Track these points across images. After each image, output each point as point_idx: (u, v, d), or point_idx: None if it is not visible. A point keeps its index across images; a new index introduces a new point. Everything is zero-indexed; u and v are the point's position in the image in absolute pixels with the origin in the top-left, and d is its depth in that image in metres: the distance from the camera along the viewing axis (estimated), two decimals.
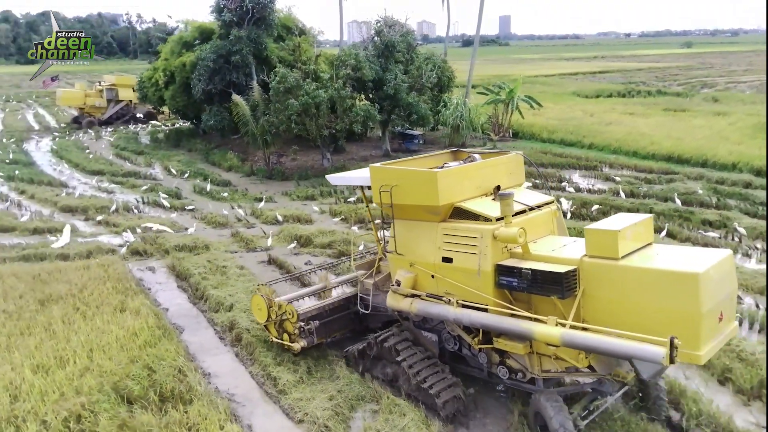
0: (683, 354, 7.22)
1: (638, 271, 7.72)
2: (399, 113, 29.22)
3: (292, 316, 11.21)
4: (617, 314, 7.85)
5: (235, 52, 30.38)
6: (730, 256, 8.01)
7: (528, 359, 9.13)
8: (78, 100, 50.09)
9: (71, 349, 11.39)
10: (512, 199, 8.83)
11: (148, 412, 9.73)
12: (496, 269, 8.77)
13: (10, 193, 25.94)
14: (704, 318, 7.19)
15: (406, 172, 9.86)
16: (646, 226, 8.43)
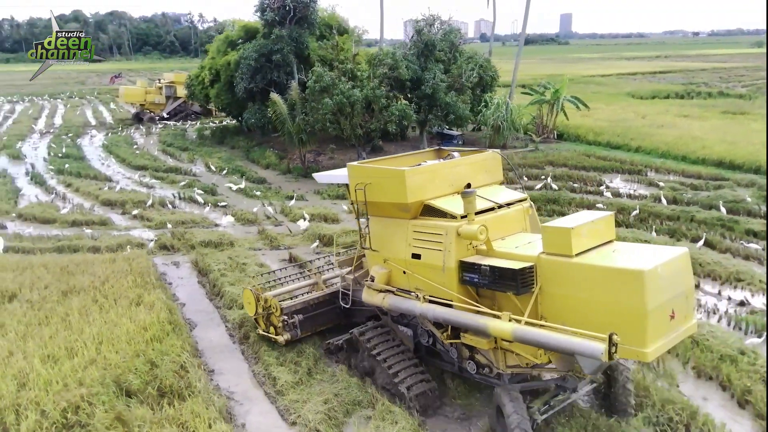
0: (630, 351, 7.39)
1: (589, 268, 7.81)
2: (436, 113, 28.84)
3: (276, 310, 11.52)
4: (572, 311, 8.00)
5: (276, 51, 30.68)
6: (686, 254, 8.05)
7: (493, 354, 9.33)
8: (138, 97, 51.97)
9: (82, 341, 11.67)
10: (474, 197, 8.97)
11: (143, 406, 9.88)
12: (460, 266, 8.98)
13: (57, 186, 27.01)
14: (650, 315, 7.26)
15: (378, 170, 10.13)
16: (606, 223, 8.49)
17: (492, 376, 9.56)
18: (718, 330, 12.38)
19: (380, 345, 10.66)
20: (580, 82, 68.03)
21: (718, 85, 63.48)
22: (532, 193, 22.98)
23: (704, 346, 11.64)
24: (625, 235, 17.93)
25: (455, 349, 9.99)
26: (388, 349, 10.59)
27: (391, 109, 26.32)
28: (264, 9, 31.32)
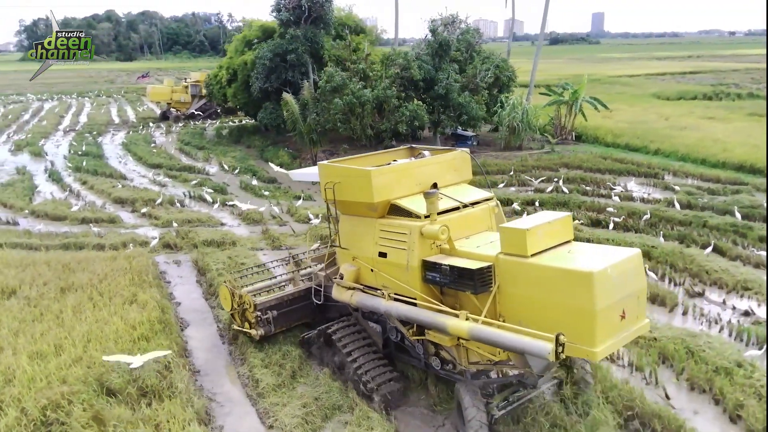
0: (580, 350, 7.52)
1: (542, 269, 7.92)
2: (449, 114, 28.57)
3: (250, 306, 11.66)
4: (528, 310, 8.15)
5: (290, 51, 30.76)
6: (638, 255, 8.14)
7: (456, 351, 9.51)
8: (165, 96, 52.74)
9: (71, 339, 11.79)
10: (437, 197, 9.17)
11: (122, 406, 9.91)
12: (423, 265, 9.15)
13: (73, 184, 27.48)
14: (599, 315, 7.36)
15: (346, 170, 10.26)
16: (563, 224, 8.60)
17: (455, 372, 9.76)
18: (717, 341, 11.96)
19: (349, 341, 10.87)
20: (605, 82, 66.94)
21: (748, 86, 61.70)
22: (542, 196, 22.64)
23: (699, 358, 11.27)
24: (632, 240, 17.53)
25: (421, 346, 10.17)
26: (357, 346, 10.81)
27: (402, 109, 26.15)
28: (279, 9, 31.41)
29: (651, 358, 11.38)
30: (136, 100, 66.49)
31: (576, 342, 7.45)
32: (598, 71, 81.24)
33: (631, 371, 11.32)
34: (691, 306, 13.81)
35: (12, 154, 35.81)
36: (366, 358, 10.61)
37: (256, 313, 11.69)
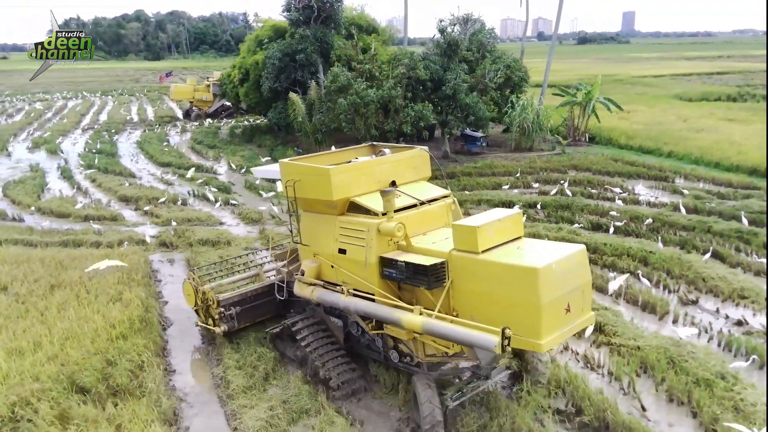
0: (526, 342, 7.86)
1: (491, 264, 8.20)
2: (456, 114, 28.29)
3: (213, 302, 11.79)
4: (479, 304, 8.44)
5: (300, 50, 30.79)
6: (582, 251, 8.49)
7: (413, 344, 9.79)
8: (187, 95, 53.39)
9: (51, 336, 11.90)
10: (393, 195, 9.48)
11: (89, 405, 9.97)
12: (380, 261, 9.41)
13: (82, 181, 27.90)
14: (545, 309, 7.67)
15: (306, 168, 10.51)
16: (514, 221, 8.88)
17: (413, 364, 10.04)
18: (703, 351, 11.59)
19: (310, 335, 11.14)
20: (627, 82, 65.87)
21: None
22: (545, 199, 22.29)
23: (681, 368, 10.94)
24: (630, 245, 17.14)
25: (381, 339, 10.46)
26: (318, 340, 11.09)
27: (407, 109, 25.98)
28: (290, 8, 31.48)
29: (630, 368, 11.08)
30: (157, 99, 67.35)
31: (523, 335, 7.78)
32: (623, 71, 79.97)
33: (609, 380, 11.03)
34: (682, 314, 13.43)
35: (29, 152, 36.54)
36: (325, 350, 10.89)
37: (219, 309, 11.82)
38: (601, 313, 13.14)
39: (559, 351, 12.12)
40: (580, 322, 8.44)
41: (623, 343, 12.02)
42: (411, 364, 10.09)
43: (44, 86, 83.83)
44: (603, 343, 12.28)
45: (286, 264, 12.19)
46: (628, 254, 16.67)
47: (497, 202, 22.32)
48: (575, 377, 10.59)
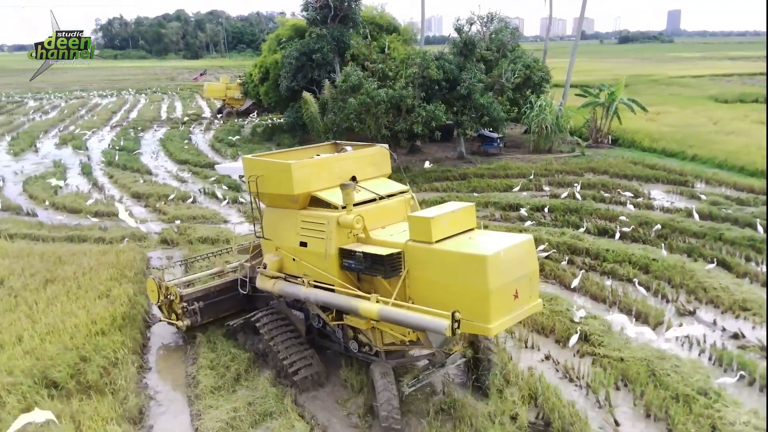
0: (476, 326, 8.29)
1: (444, 253, 8.60)
2: (470, 114, 27.86)
3: (176, 297, 11.92)
4: (433, 292, 8.81)
5: (317, 50, 30.81)
6: (530, 240, 8.92)
7: (371, 334, 10.12)
8: (220, 93, 54.25)
9: (34, 331, 12.09)
10: (352, 189, 9.81)
11: (55, 400, 10.08)
12: (340, 252, 9.72)
13: (100, 178, 28.47)
14: (493, 295, 8.08)
15: (268, 163, 10.78)
16: (466, 213, 9.28)
17: (372, 353, 10.36)
18: (690, 365, 11.10)
19: (272, 329, 11.38)
20: (663, 83, 64.11)
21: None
22: (554, 202, 21.77)
23: (661, 382, 10.48)
24: (634, 251, 16.59)
25: (341, 330, 10.82)
26: (280, 333, 11.32)
27: (419, 110, 25.70)
28: (307, 8, 31.54)
29: (608, 380, 10.67)
30: (188, 97, 68.51)
31: (473, 320, 8.21)
32: (660, 71, 77.88)
33: (586, 393, 10.64)
34: (676, 325, 12.86)
35: (57, 148, 37.51)
36: (287, 344, 11.14)
37: (182, 304, 12.00)
38: (589, 321, 12.73)
39: (539, 360, 11.78)
40: (528, 309, 8.90)
41: (607, 354, 11.60)
42: (370, 353, 10.41)
43: (83, 84, 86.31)
44: (587, 353, 11.87)
45: (249, 259, 12.40)
46: (630, 261, 16.13)
47: (504, 204, 21.94)
48: (547, 388, 10.24)
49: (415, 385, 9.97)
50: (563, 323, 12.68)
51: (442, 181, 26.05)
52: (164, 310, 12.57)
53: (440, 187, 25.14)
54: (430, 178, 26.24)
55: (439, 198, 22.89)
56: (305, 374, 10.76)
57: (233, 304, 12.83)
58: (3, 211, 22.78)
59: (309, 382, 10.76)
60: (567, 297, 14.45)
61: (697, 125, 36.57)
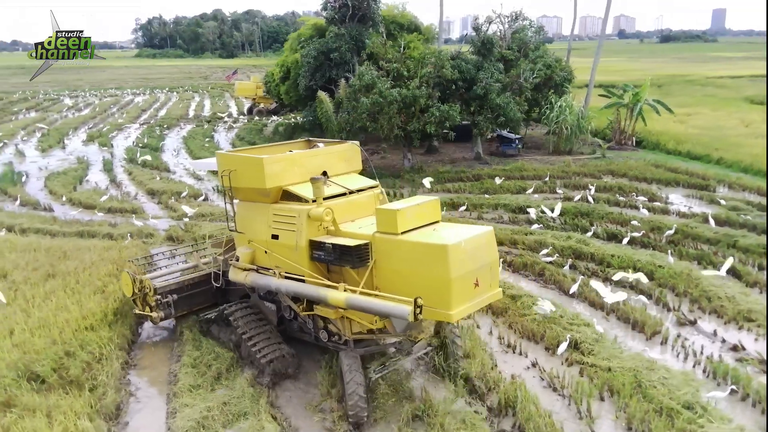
0: (439, 313, 8.73)
1: (409, 244, 8.98)
2: (486, 115, 27.48)
3: (150, 290, 12.20)
4: (399, 281, 9.15)
5: (334, 49, 30.79)
6: (491, 232, 9.33)
7: (340, 323, 10.37)
8: (251, 91, 54.89)
9: (26, 324, 12.30)
10: (322, 183, 10.13)
11: (33, 394, 10.21)
12: (310, 244, 10.02)
13: (119, 174, 29.00)
14: (454, 283, 8.48)
15: (241, 158, 11.09)
16: (431, 207, 9.73)
17: (341, 342, 10.55)
18: (681, 376, 10.68)
19: (243, 320, 11.66)
20: (698, 83, 62.34)
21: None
22: (566, 205, 21.29)
23: (647, 394, 10.10)
24: (641, 257, 16.10)
25: (311, 321, 11.01)
26: (252, 325, 11.60)
27: (432, 110, 25.45)
28: (326, 7, 31.57)
29: (590, 391, 10.33)
30: (218, 96, 69.38)
31: (436, 307, 8.60)
32: (698, 71, 75.71)
33: (569, 403, 10.32)
34: (674, 335, 12.42)
35: (84, 145, 38.37)
36: (262, 336, 11.41)
37: (156, 297, 12.16)
38: (581, 329, 12.36)
39: (525, 368, 11.49)
40: (488, 296, 9.34)
41: (595, 363, 11.25)
42: (339, 342, 10.61)
43: (118, 82, 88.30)
44: (576, 361, 11.53)
45: (223, 252, 12.60)
46: (635, 267, 15.63)
47: (514, 206, 21.55)
48: (526, 396, 9.97)
49: (382, 371, 10.36)
50: (554, 330, 12.37)
51: (455, 182, 25.75)
52: (138, 302, 12.71)
53: (452, 188, 24.86)
54: (443, 179, 25.97)
55: (448, 199, 22.64)
56: (277, 365, 10.95)
57: (207, 297, 13.02)
58: (21, 206, 23.35)
59: (281, 373, 10.99)
60: (564, 303, 14.09)
61: (728, 128, 35.40)
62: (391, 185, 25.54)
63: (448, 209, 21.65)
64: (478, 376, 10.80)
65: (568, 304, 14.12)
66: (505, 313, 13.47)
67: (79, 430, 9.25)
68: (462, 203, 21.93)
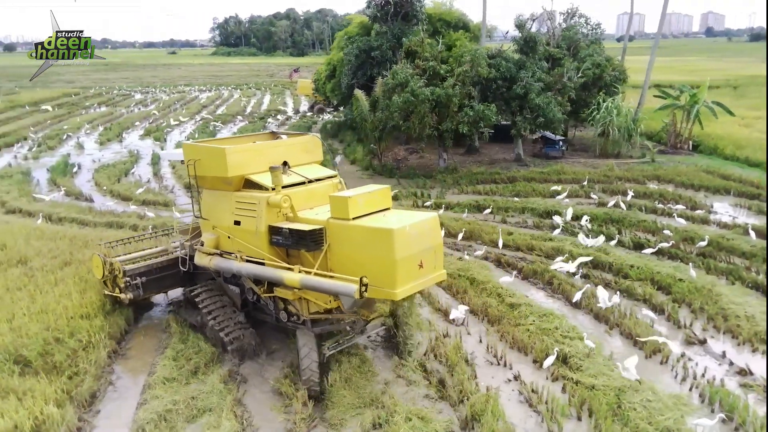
0: (385, 292, 9.37)
1: (358, 228, 9.63)
2: (525, 115, 26.61)
3: (119, 272, 12.74)
4: (350, 263, 9.77)
5: (376, 47, 30.67)
6: (435, 218, 10.14)
7: (299, 304, 10.98)
8: (310, 89, 55.60)
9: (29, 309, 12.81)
10: (280, 171, 10.65)
11: (15, 377, 10.60)
12: (269, 229, 10.57)
13: (164, 168, 29.97)
14: (399, 264, 9.17)
15: (204, 148, 11.69)
16: (382, 194, 10.34)
17: (300, 322, 11.09)
18: (670, 399, 9.91)
19: (207, 302, 12.24)
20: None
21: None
22: (597, 211, 20.36)
23: (625, 416, 9.42)
24: (662, 269, 15.14)
25: (272, 302, 11.57)
26: (215, 306, 12.19)
27: (466, 109, 24.88)
28: (369, 5, 31.50)
29: (562, 410, 9.74)
30: (279, 93, 70.69)
31: (382, 286, 9.26)
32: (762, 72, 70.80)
33: (542, 420, 9.76)
34: (676, 355, 11.54)
35: (140, 139, 39.94)
36: (225, 317, 11.99)
37: (126, 279, 12.66)
38: (573, 342, 11.69)
39: (504, 380, 10.97)
40: (432, 277, 10.04)
41: (580, 380, 10.62)
42: (298, 322, 11.13)
43: (189, 79, 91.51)
44: (561, 376, 10.92)
45: (189, 239, 13.08)
46: (653, 280, 14.71)
47: (542, 211, 20.76)
48: (494, 410, 9.49)
49: (336, 348, 10.96)
50: (544, 342, 11.76)
51: (487, 184, 25.09)
52: (108, 284, 13.19)
53: (482, 190, 24.23)
54: (475, 180, 25.38)
55: (473, 201, 22.07)
56: (239, 344, 11.62)
57: (175, 280, 13.52)
58: (66, 195, 24.47)
59: (243, 351, 11.65)
60: (566, 313, 13.40)
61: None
62: (421, 185, 25.21)
63: (471, 211, 21.13)
64: (455, 386, 10.42)
65: (571, 315, 13.43)
66: (500, 321, 12.94)
67: (44, 414, 9.50)
68: (488, 205, 21.32)
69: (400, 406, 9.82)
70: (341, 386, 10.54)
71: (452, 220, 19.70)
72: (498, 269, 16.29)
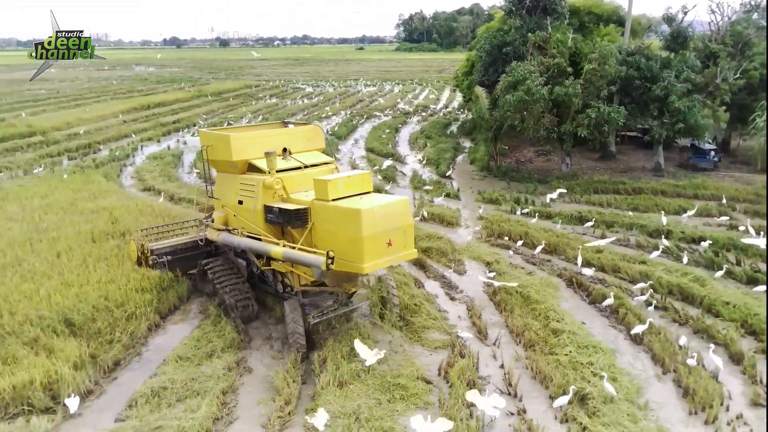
0: (354, 266, 10.56)
1: (335, 208, 10.81)
2: (663, 120, 23.64)
3: (147, 252, 14.35)
4: (330, 240, 10.96)
5: (508, 43, 29.31)
6: (405, 200, 11.30)
7: (291, 276, 12.39)
8: None
9: (100, 278, 14.19)
10: (274, 156, 11.90)
11: (54, 338, 11.68)
12: (264, 209, 12.03)
13: None
14: (366, 241, 10.29)
15: (215, 135, 13.22)
16: (362, 179, 11.50)
17: (293, 293, 12.40)
18: None
19: (217, 272, 13.67)
20: None
21: None
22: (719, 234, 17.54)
23: None
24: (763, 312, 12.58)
25: (271, 274, 13.06)
26: (223, 276, 13.57)
27: (588, 111, 22.80)
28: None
29: None
30: (439, 89, 70.71)
31: (352, 261, 10.50)
32: None
33: None
34: (734, 414, 9.52)
35: None
36: (233, 285, 13.30)
37: (153, 257, 14.28)
38: (601, 384, 10.13)
39: (507, 413, 9.85)
40: (402, 255, 11.21)
41: (588, 427, 9.22)
42: (291, 293, 12.48)
43: (361, 74, 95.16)
44: (573, 418, 9.55)
45: (206, 217, 14.61)
46: (745, 323, 12.33)
47: (651, 229, 18.32)
48: None
49: (320, 317, 12.01)
50: (567, 377, 10.36)
51: (605, 194, 22.80)
52: (143, 264, 14.52)
53: (596, 200, 22.06)
54: (591, 190, 23.16)
55: (576, 211, 20.19)
56: (244, 308, 12.96)
57: (200, 259, 14.51)
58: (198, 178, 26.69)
59: (248, 314, 13.02)
60: (620, 348, 11.72)
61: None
62: (531, 190, 23.63)
63: (572, 223, 19.35)
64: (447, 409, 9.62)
65: (626, 351, 11.72)
66: (535, 346, 11.67)
67: (56, 372, 10.39)
68: (591, 218, 19.33)
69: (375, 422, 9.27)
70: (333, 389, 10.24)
71: (540, 231, 18.19)
72: (567, 289, 14.72)
